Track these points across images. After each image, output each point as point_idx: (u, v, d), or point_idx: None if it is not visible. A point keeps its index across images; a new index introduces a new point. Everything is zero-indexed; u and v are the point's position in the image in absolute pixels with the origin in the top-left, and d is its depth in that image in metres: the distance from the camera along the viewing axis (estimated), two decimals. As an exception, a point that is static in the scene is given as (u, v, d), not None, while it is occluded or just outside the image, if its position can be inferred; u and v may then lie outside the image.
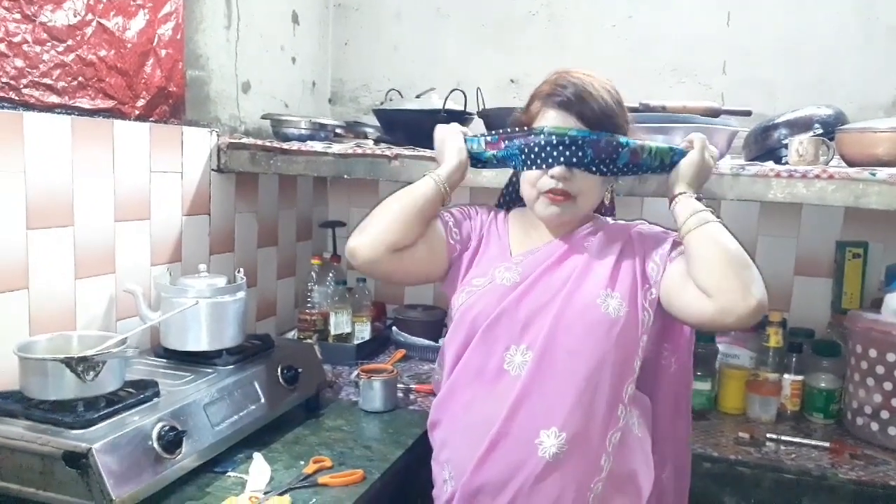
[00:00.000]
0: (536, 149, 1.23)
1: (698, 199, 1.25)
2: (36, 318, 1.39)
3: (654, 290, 1.24)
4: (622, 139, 1.23)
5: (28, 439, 1.14)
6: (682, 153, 1.28)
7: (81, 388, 1.21)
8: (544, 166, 1.23)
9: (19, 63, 1.34)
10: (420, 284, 1.36)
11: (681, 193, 1.25)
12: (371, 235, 1.25)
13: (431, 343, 2.12)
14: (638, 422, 1.27)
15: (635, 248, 1.28)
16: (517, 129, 1.28)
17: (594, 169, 1.23)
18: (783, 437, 1.68)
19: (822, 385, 1.81)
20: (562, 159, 1.21)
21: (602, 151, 1.21)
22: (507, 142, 1.28)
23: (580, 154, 1.21)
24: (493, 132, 1.32)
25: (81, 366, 1.20)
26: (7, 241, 1.33)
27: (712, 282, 1.14)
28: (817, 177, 1.46)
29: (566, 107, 1.23)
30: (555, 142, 1.21)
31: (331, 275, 2.18)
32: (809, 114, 1.68)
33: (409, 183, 1.32)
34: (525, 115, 1.30)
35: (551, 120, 1.24)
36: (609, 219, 1.37)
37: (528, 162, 1.25)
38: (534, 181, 1.26)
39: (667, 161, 1.27)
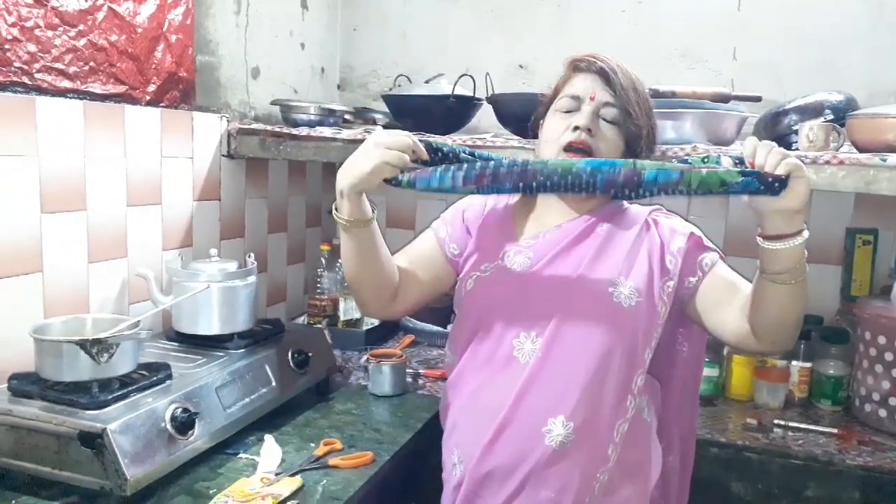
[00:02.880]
0: (531, 172, 1.06)
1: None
2: (50, 300, 1.41)
3: (672, 283, 1.21)
4: (648, 173, 1.02)
5: (44, 419, 1.16)
6: (738, 181, 1.01)
7: (96, 370, 1.23)
8: (542, 190, 1.09)
9: (32, 48, 1.35)
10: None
11: (801, 232, 1.04)
12: (362, 305, 1.34)
13: (440, 329, 2.13)
14: (648, 407, 1.27)
15: (652, 237, 1.24)
16: (512, 162, 1.09)
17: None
18: (791, 424, 1.68)
19: (831, 372, 1.81)
20: (562, 185, 1.07)
21: (614, 186, 1.04)
22: (490, 179, 1.08)
23: (586, 187, 1.06)
24: (473, 165, 1.09)
25: (96, 348, 1.21)
26: (22, 225, 1.35)
27: (777, 336, 1.13)
28: (827, 163, 1.46)
29: (595, 71, 1.23)
30: (560, 171, 1.06)
31: (340, 261, 2.18)
32: (820, 99, 1.67)
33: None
34: (550, 94, 1.30)
35: (577, 85, 1.24)
36: (625, 202, 1.33)
37: (522, 188, 1.10)
38: (555, 137, 1.23)
39: (715, 190, 1.03)
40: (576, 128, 1.20)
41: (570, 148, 1.21)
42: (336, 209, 1.18)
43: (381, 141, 1.11)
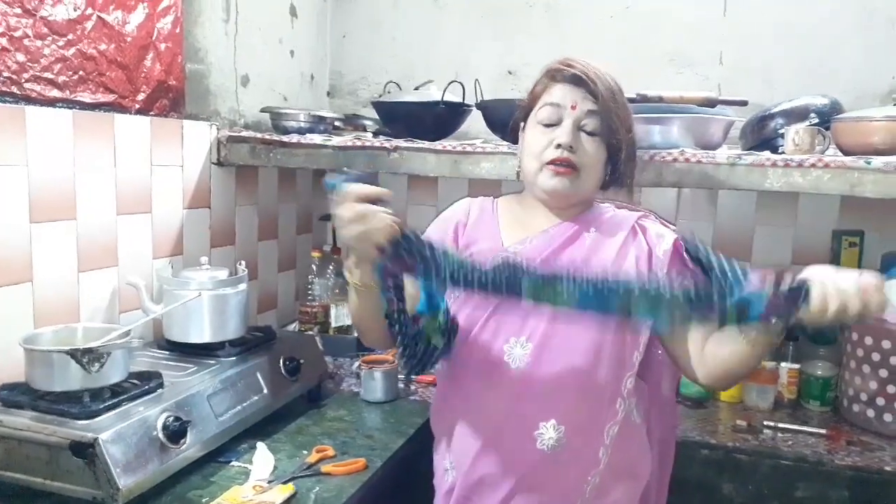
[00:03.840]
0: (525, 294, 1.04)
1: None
2: (40, 310, 1.40)
3: None
4: (641, 309, 1.01)
5: (35, 430, 1.15)
6: (754, 312, 0.99)
7: (87, 380, 1.22)
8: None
9: (21, 57, 1.34)
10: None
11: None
12: (368, 344, 1.28)
13: (431, 334, 2.14)
14: (637, 409, 1.27)
15: (640, 243, 1.24)
16: (499, 283, 1.04)
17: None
18: (780, 425, 1.70)
19: (819, 373, 1.82)
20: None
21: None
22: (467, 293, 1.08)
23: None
24: (457, 277, 1.04)
25: (87, 357, 1.21)
26: (11, 235, 1.34)
27: (717, 373, 1.16)
28: (813, 166, 1.48)
29: (574, 81, 1.20)
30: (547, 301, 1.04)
31: (331, 267, 2.19)
32: (805, 103, 1.69)
33: (409, 175, 1.31)
34: (528, 100, 1.27)
35: (557, 94, 1.21)
36: (611, 206, 1.33)
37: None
38: (538, 153, 1.22)
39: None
40: (558, 145, 1.20)
41: (552, 164, 1.21)
42: (348, 271, 1.12)
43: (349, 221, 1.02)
